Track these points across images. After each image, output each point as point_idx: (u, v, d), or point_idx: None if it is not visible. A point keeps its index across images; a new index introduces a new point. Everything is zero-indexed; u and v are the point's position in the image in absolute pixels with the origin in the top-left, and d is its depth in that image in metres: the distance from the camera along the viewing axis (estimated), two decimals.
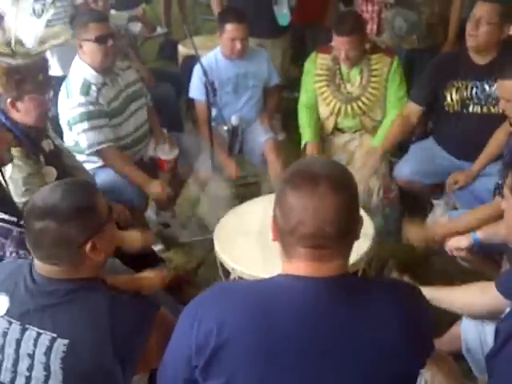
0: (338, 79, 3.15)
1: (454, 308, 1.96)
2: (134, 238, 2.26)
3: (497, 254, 2.40)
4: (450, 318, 2.16)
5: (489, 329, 1.91)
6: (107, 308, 1.42)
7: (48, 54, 3.36)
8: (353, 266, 2.19)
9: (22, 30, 2.48)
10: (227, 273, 2.35)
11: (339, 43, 2.97)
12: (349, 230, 1.24)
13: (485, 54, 2.80)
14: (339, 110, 3.17)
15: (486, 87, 2.83)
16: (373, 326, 1.22)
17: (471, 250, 2.30)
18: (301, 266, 1.25)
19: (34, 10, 3.17)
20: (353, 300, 1.25)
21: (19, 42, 2.27)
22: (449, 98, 2.91)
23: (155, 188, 2.83)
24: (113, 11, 4.11)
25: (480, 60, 2.83)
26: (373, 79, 3.10)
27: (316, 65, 3.20)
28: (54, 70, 3.32)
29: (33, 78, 2.21)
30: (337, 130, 3.27)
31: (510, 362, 1.41)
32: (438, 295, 1.93)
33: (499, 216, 1.91)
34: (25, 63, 2.18)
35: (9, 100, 2.21)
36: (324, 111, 3.24)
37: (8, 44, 2.22)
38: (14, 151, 2.21)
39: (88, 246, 1.45)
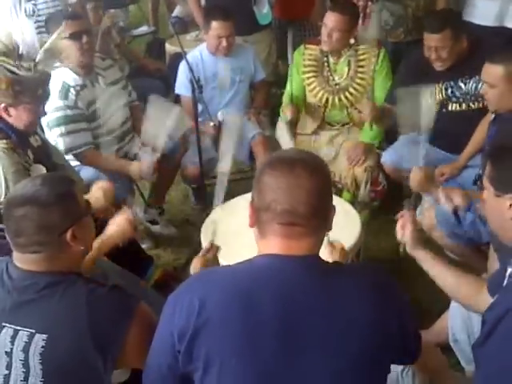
0: (325, 71, 3.16)
1: (444, 289, 1.91)
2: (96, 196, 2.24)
3: (484, 244, 2.40)
4: (438, 309, 2.17)
5: (475, 319, 1.91)
6: (85, 301, 1.41)
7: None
8: None
9: (29, 42, 2.47)
10: None
11: (330, 21, 2.96)
12: (320, 212, 1.30)
13: (450, 63, 2.80)
14: (327, 100, 3.17)
15: (462, 85, 2.84)
16: (347, 304, 1.25)
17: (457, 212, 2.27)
18: (275, 243, 1.30)
19: (25, 10, 3.17)
20: (326, 279, 1.28)
21: (27, 55, 2.27)
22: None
23: (135, 169, 2.80)
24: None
25: (445, 67, 2.82)
26: (360, 70, 3.10)
27: (304, 56, 3.20)
28: None
29: (32, 91, 2.23)
30: (325, 123, 3.27)
31: (496, 351, 1.41)
32: (431, 266, 1.81)
33: None
34: (27, 77, 2.18)
35: (2, 105, 2.21)
36: (312, 103, 3.24)
37: (17, 53, 2.22)
38: (0, 143, 2.19)
39: (69, 234, 1.46)
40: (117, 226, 2.02)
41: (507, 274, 1.53)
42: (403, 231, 1.85)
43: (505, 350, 1.36)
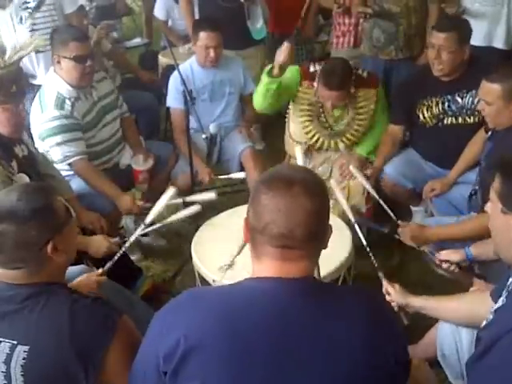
0: (321, 116, 3.07)
1: (447, 318, 1.95)
2: (98, 244, 2.28)
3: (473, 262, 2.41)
4: (425, 323, 2.17)
5: (464, 334, 1.91)
6: (67, 312, 1.39)
7: (34, 63, 3.36)
8: (335, 273, 2.21)
9: (6, 39, 2.44)
10: (205, 282, 2.34)
11: (327, 96, 2.90)
12: (318, 235, 1.26)
13: (451, 74, 2.84)
14: (322, 144, 3.11)
15: (458, 99, 2.87)
16: (340, 327, 1.22)
17: (460, 265, 2.28)
18: (269, 265, 1.26)
19: (21, 19, 3.17)
20: (320, 301, 1.25)
21: (1, 52, 2.24)
22: (421, 117, 2.96)
23: (125, 203, 2.76)
24: None
25: (446, 78, 2.86)
26: (358, 117, 3.05)
27: (299, 93, 3.06)
28: (40, 79, 3.31)
29: (6, 88, 2.19)
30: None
31: (491, 370, 1.39)
32: (430, 305, 1.93)
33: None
34: None
35: None
36: (307, 141, 3.15)
37: None
38: None
39: (49, 247, 1.43)
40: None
41: (508, 282, 1.51)
42: (390, 297, 2.03)
43: (498, 374, 1.34)
